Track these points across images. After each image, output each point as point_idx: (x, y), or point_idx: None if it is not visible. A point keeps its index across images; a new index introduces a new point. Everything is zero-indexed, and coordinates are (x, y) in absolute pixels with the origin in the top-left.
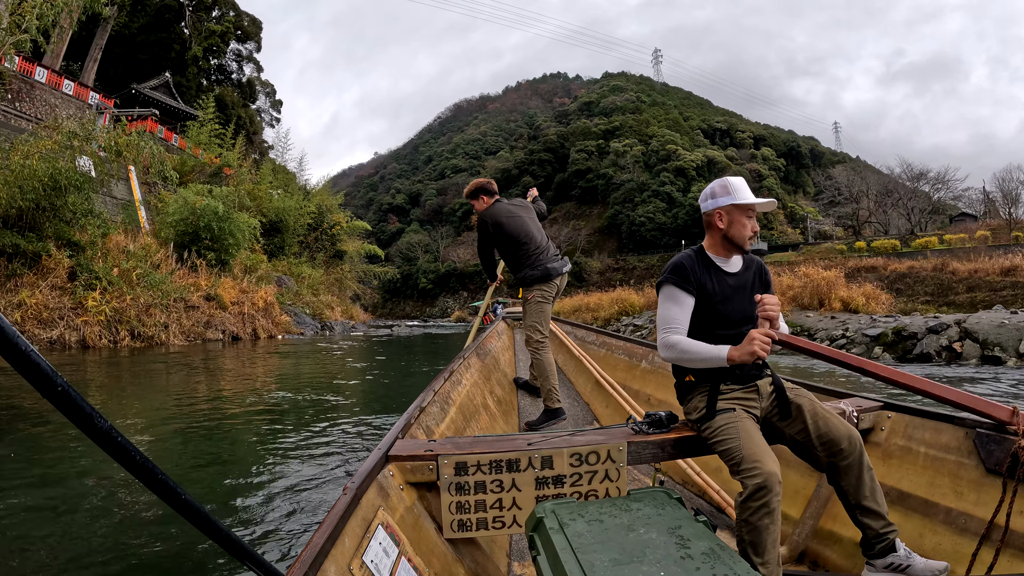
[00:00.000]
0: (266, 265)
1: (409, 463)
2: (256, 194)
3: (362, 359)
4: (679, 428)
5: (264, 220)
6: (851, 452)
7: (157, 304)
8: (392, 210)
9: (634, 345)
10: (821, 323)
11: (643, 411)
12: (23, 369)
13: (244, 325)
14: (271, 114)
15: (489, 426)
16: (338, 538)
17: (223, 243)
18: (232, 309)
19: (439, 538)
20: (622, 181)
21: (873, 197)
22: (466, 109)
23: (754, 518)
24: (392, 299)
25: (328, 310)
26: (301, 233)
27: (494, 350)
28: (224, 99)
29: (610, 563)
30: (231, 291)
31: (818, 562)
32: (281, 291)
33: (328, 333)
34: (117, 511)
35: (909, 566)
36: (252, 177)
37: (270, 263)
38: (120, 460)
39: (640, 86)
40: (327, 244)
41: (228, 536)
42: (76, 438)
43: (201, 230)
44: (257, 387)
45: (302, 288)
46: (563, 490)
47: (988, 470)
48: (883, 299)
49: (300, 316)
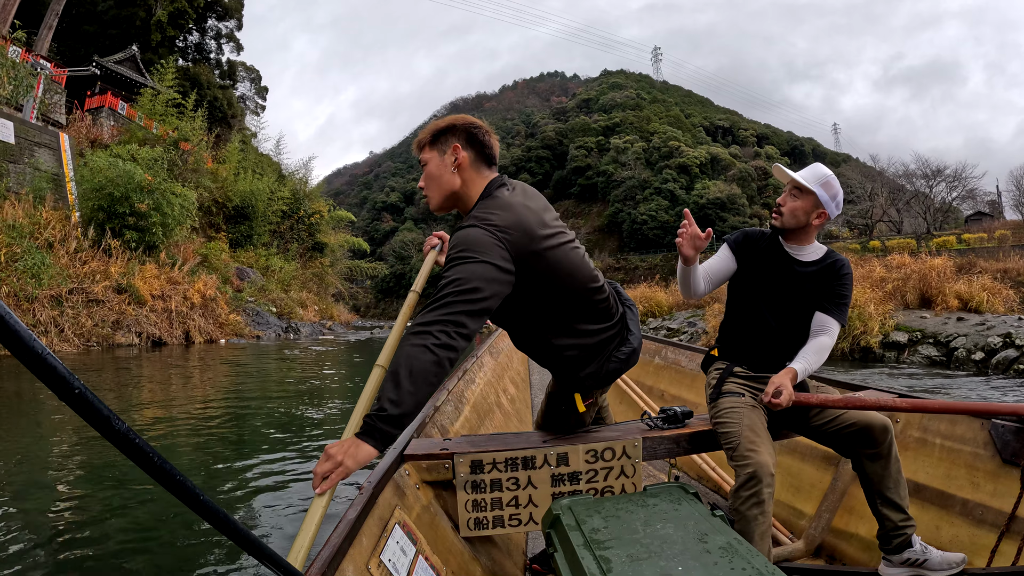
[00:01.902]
0: (225, 254)
1: (425, 462)
2: (220, 174)
3: (307, 372)
4: (694, 423)
5: (229, 205)
6: (883, 440)
7: (36, 294)
8: (386, 208)
9: (647, 341)
10: (958, 328)
11: (657, 407)
12: (39, 372)
13: (172, 326)
14: (256, 101)
15: (503, 424)
16: (355, 537)
17: (149, 221)
18: (154, 305)
19: (456, 536)
20: (623, 178)
21: (886, 195)
22: (462, 108)
23: (743, 507)
24: (385, 299)
25: (300, 309)
26: (274, 220)
27: (506, 348)
28: (199, 78)
29: (628, 559)
30: (153, 282)
31: (835, 556)
32: (241, 285)
33: (293, 336)
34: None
35: (926, 560)
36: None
37: (235, 252)
38: (138, 462)
39: (640, 84)
40: (304, 235)
41: (247, 536)
42: None
43: (117, 203)
44: None
45: (270, 283)
46: (579, 487)
47: (1004, 460)
48: (1008, 295)
49: (262, 316)
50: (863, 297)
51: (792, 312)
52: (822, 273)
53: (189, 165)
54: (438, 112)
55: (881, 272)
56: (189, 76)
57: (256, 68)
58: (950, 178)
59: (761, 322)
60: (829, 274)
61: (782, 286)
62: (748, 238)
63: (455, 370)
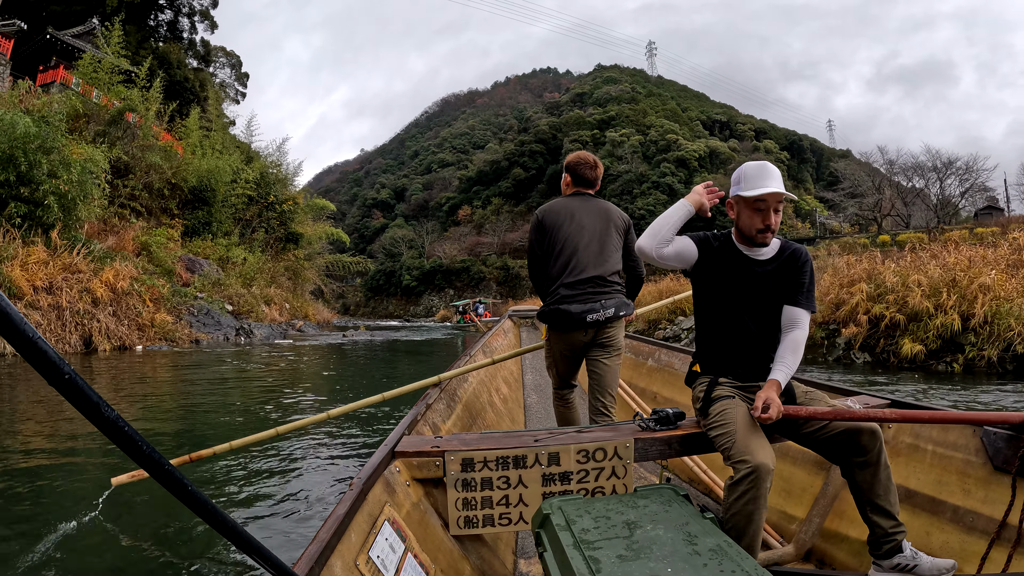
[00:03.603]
0: (174, 243)
1: (416, 459)
2: (173, 151)
3: (192, 398)
4: (686, 425)
5: (184, 187)
6: (872, 447)
7: None
8: (376, 205)
9: (640, 343)
10: None
11: (650, 408)
12: (29, 356)
13: (65, 329)
14: (236, 88)
15: (495, 423)
16: (344, 533)
17: (41, 190)
18: (36, 300)
19: (445, 534)
20: (619, 172)
21: (895, 187)
22: (454, 104)
23: (739, 503)
24: (375, 297)
25: (265, 307)
26: (237, 206)
27: (500, 348)
28: (169, 57)
29: (617, 559)
30: (38, 270)
31: (824, 560)
32: (191, 279)
33: (244, 340)
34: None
35: (916, 566)
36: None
37: (191, 241)
38: (126, 449)
39: (635, 78)
40: (275, 224)
41: (235, 529)
42: None
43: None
44: None
45: (230, 277)
46: (570, 487)
47: (996, 468)
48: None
49: (213, 315)
50: (1006, 287)
51: (766, 313)
52: (783, 268)
53: (139, 141)
54: (429, 109)
55: (916, 277)
56: (157, 55)
57: (236, 53)
58: (961, 170)
59: (742, 329)
60: (790, 267)
61: (748, 289)
62: (706, 238)
63: (447, 368)
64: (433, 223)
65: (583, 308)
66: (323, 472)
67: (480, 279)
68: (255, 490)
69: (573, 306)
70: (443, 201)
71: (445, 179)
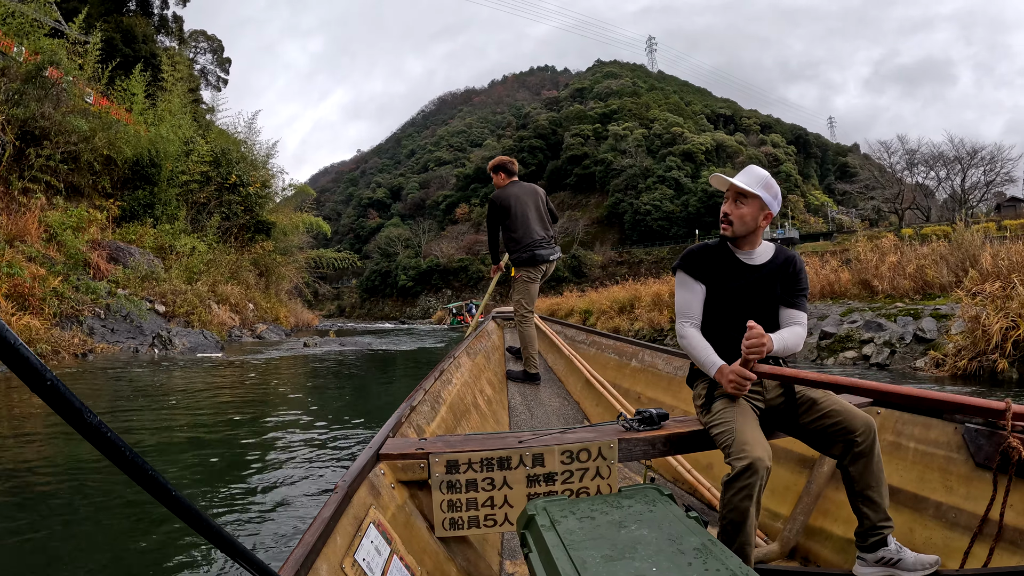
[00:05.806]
0: (95, 227)
1: (400, 461)
2: (111, 118)
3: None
4: (669, 425)
5: (119, 159)
6: (866, 439)
7: None
8: (372, 205)
9: (624, 344)
10: None
11: (633, 409)
12: (11, 363)
13: None
14: (217, 74)
15: (480, 425)
16: (330, 536)
17: None
18: None
19: (431, 536)
20: (623, 167)
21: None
22: (450, 102)
23: (736, 499)
24: (371, 298)
25: (216, 306)
26: (191, 187)
27: (484, 349)
28: (134, 30)
29: (602, 560)
30: None
31: (809, 557)
32: (112, 272)
33: (158, 352)
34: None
35: (900, 560)
36: (106, 94)
37: (125, 227)
38: (110, 456)
39: (635, 73)
40: (238, 210)
41: (219, 533)
42: None
43: None
44: None
45: (174, 270)
46: (554, 487)
47: (977, 464)
48: None
49: (131, 319)
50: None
51: (763, 314)
52: (778, 272)
53: (66, 106)
54: (425, 108)
55: None
56: (121, 28)
57: (218, 37)
58: (986, 160)
59: (741, 329)
60: (785, 272)
61: (745, 291)
62: (694, 255)
63: (432, 370)
64: (430, 222)
65: (546, 252)
66: (307, 475)
67: (479, 278)
68: (239, 494)
69: (540, 251)
70: (440, 199)
71: (442, 177)
